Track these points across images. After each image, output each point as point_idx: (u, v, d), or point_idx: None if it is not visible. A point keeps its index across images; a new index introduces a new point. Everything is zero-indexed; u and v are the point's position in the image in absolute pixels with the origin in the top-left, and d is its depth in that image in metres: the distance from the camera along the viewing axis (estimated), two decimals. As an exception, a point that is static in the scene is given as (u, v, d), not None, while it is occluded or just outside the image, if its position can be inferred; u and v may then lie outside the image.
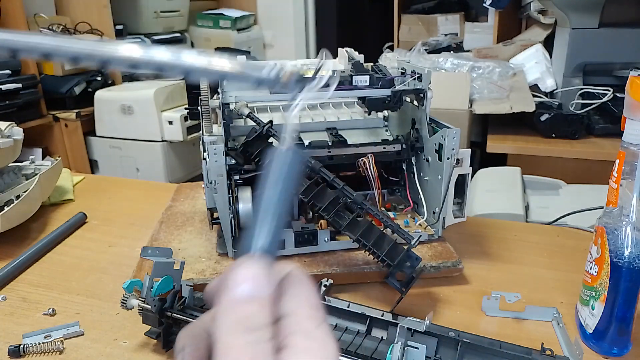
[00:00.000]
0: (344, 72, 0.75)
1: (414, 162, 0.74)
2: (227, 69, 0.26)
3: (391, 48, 2.57)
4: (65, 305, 0.62)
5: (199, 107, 0.65)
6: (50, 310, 0.60)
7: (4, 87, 1.80)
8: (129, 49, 0.25)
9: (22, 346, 0.53)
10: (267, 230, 0.23)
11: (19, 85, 1.86)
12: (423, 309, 0.60)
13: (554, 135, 1.55)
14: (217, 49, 2.71)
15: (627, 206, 0.49)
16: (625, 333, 0.51)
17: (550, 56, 1.74)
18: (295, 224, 0.68)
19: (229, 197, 0.62)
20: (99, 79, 2.14)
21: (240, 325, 0.20)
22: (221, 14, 2.90)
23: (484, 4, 2.01)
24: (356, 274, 0.64)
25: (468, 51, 2.15)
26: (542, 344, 0.49)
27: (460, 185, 0.67)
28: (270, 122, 0.63)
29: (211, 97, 0.63)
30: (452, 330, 0.50)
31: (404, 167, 0.76)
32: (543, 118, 1.54)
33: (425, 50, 2.19)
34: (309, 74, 0.71)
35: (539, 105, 1.59)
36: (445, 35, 2.46)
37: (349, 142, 0.72)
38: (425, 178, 0.72)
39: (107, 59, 0.25)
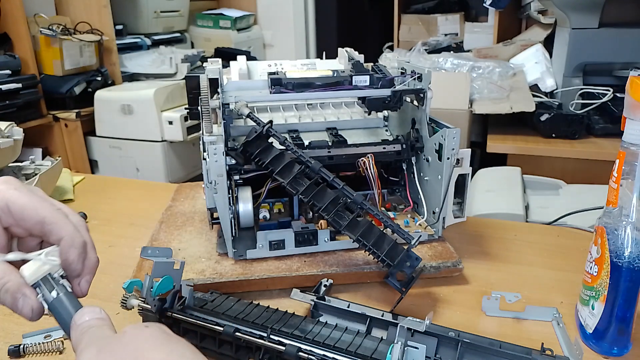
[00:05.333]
0: (344, 72, 0.75)
1: (414, 162, 0.74)
2: None
3: (391, 48, 2.57)
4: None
5: (199, 107, 0.65)
6: (50, 310, 0.60)
7: (4, 87, 1.80)
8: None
9: (22, 346, 0.53)
10: None
11: (19, 85, 1.86)
12: (423, 309, 0.60)
13: (554, 135, 1.55)
14: (217, 49, 2.71)
15: (627, 206, 0.49)
16: (625, 333, 0.51)
17: (550, 56, 1.74)
18: (295, 224, 0.68)
19: (229, 197, 0.62)
20: (99, 79, 2.14)
21: None
22: (221, 14, 2.90)
23: (484, 4, 2.01)
24: (356, 274, 0.64)
25: (468, 51, 2.15)
26: (542, 344, 0.49)
27: (460, 185, 0.67)
28: (270, 122, 0.63)
29: (211, 97, 0.63)
30: (452, 330, 0.50)
31: (404, 167, 0.76)
32: (543, 118, 1.54)
33: (425, 50, 2.19)
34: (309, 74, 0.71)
35: (539, 105, 1.59)
36: (445, 35, 2.46)
37: (349, 142, 0.72)
38: (425, 178, 0.72)
39: None
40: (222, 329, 0.49)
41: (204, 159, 0.62)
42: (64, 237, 0.37)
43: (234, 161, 0.66)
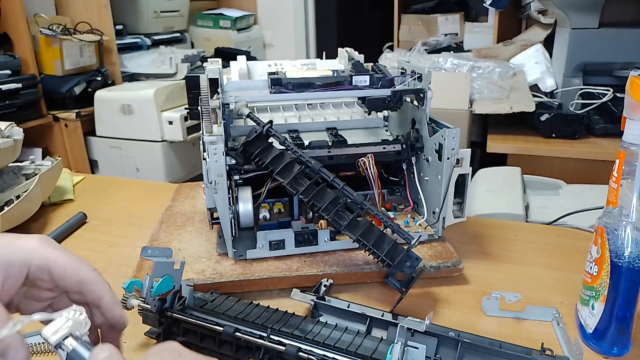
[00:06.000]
0: (344, 72, 0.75)
1: (414, 162, 0.74)
2: None
3: (391, 48, 2.57)
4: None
5: (199, 107, 0.65)
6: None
7: (4, 87, 1.79)
8: None
9: (22, 346, 0.53)
10: None
11: (19, 85, 1.86)
12: (423, 309, 0.60)
13: (554, 135, 1.55)
14: (217, 49, 2.71)
15: (627, 206, 0.49)
16: (625, 333, 0.51)
17: (550, 56, 1.74)
18: (295, 224, 0.68)
19: (229, 197, 0.62)
20: (99, 78, 2.13)
21: None
22: (221, 14, 2.91)
23: (484, 4, 2.01)
24: (356, 274, 0.64)
25: (468, 51, 2.15)
26: (542, 344, 0.49)
27: (460, 185, 0.67)
28: (270, 122, 0.63)
29: (211, 97, 0.63)
30: (452, 330, 0.50)
31: (404, 167, 0.76)
32: (543, 118, 1.54)
33: (425, 50, 2.19)
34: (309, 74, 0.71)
35: (539, 105, 1.59)
36: (445, 35, 2.46)
37: (349, 142, 0.72)
38: (425, 178, 0.72)
39: None
40: (222, 329, 0.49)
41: (204, 159, 0.62)
42: (104, 296, 0.39)
43: (234, 161, 0.66)
